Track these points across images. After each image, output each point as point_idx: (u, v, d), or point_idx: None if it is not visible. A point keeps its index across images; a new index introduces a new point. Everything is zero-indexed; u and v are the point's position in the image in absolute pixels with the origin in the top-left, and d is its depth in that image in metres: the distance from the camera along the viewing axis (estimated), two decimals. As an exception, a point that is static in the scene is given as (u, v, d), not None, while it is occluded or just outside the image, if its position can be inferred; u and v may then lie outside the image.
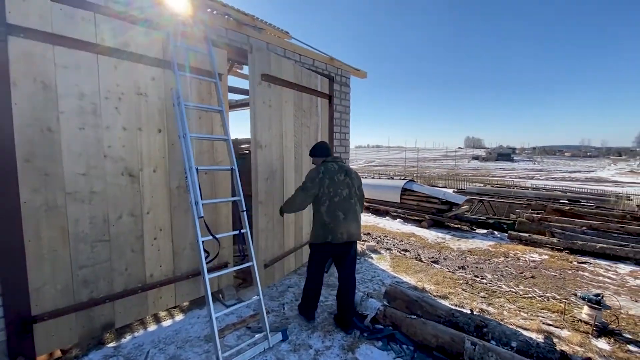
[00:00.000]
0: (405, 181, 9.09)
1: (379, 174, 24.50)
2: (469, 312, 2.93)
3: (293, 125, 3.93)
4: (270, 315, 3.14)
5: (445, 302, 3.48)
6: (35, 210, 2.23)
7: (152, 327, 2.88)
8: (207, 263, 2.42)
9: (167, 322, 2.97)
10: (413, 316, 2.75)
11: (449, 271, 4.59)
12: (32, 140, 2.20)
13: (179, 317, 3.06)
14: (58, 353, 2.43)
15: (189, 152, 2.51)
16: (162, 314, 3.10)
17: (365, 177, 11.70)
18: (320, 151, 3.02)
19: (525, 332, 2.84)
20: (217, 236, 2.55)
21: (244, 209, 2.72)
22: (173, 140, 2.90)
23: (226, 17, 3.32)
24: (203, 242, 2.42)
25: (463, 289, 3.91)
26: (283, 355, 2.51)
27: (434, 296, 3.66)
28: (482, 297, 3.71)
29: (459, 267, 4.77)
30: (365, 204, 9.80)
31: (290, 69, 3.82)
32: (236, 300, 3.35)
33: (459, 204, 8.18)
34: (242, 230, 2.70)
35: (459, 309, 3.15)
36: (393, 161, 59.26)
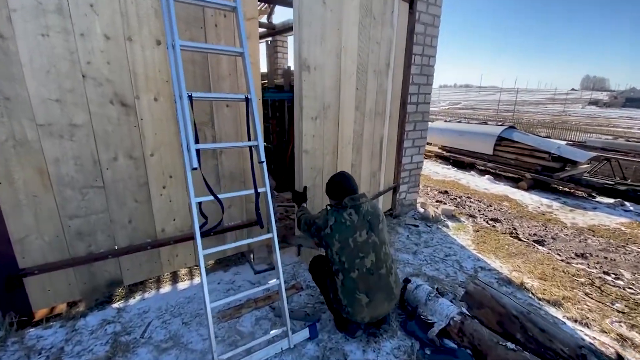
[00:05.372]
0: (504, 128, 7.16)
1: (465, 117, 21.12)
2: (613, 353, 1.79)
3: (357, 37, 2.79)
4: (304, 292, 2.48)
5: (558, 314, 2.36)
6: (0, 146, 1.74)
7: (166, 289, 2.47)
8: (201, 230, 1.74)
9: (184, 284, 2.53)
10: (510, 344, 1.76)
11: (562, 259, 3.28)
12: (-24, 48, 1.61)
13: (198, 279, 2.61)
14: (62, 307, 2.17)
15: (178, 69, 1.69)
16: (183, 271, 2.69)
17: (450, 121, 9.80)
18: (333, 190, 2.02)
19: None
20: (219, 196, 1.80)
21: (262, 159, 1.88)
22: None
23: None
24: (200, 203, 1.71)
25: (586, 293, 2.67)
26: (306, 363, 1.84)
27: (539, 299, 2.54)
28: (618, 311, 2.46)
29: (576, 255, 3.40)
30: (445, 153, 8.25)
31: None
32: (267, 266, 2.76)
33: (578, 161, 6.17)
34: (260, 190, 1.91)
35: (591, 341, 2.03)
36: (484, 104, 51.43)
